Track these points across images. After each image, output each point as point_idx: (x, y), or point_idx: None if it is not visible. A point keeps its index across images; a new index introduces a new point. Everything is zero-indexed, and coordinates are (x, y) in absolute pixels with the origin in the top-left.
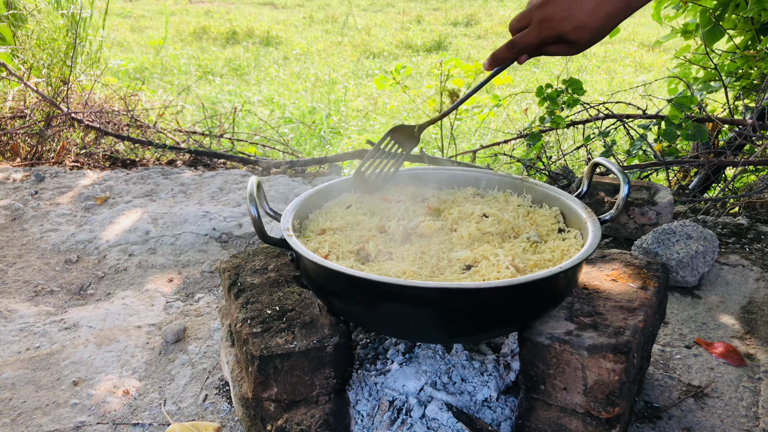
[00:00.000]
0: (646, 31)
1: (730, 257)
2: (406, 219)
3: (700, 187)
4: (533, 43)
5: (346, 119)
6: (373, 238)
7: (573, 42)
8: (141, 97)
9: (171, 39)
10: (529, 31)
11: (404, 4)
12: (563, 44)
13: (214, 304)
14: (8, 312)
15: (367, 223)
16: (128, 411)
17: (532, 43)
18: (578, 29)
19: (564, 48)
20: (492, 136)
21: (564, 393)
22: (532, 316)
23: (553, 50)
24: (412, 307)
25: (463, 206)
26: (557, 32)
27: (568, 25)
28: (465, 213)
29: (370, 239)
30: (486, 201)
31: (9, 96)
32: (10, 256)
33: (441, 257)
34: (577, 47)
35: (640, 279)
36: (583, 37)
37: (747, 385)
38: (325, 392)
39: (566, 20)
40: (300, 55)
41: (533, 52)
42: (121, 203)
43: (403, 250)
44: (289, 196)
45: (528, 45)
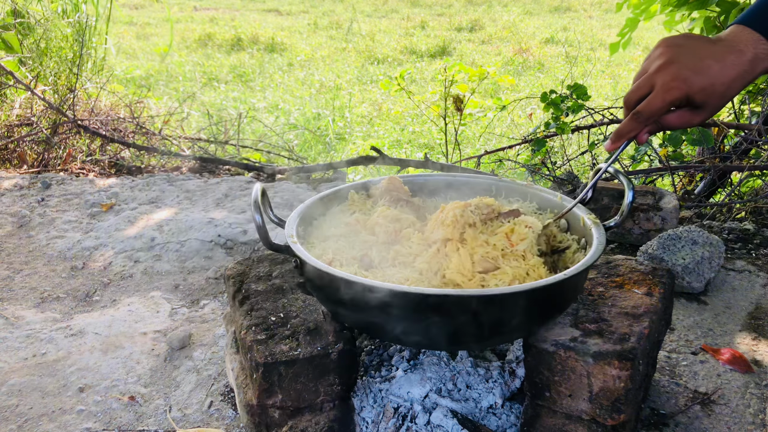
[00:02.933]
0: (651, 35)
1: (737, 263)
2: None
3: (706, 192)
4: (660, 108)
5: (350, 125)
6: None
7: (700, 105)
8: (147, 104)
9: (176, 46)
10: (653, 96)
11: (408, 10)
12: (687, 110)
13: (219, 311)
14: (15, 318)
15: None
16: (134, 417)
17: (659, 107)
18: (705, 90)
19: (687, 116)
20: (496, 142)
21: (569, 400)
22: (538, 322)
23: (675, 120)
24: (417, 314)
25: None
26: (684, 92)
27: (696, 84)
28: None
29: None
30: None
31: (16, 104)
32: (17, 262)
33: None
34: (702, 113)
35: (645, 285)
36: (710, 100)
37: (754, 391)
38: (329, 399)
39: (693, 79)
40: (304, 62)
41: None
42: (127, 210)
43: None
44: (293, 203)
45: (655, 111)
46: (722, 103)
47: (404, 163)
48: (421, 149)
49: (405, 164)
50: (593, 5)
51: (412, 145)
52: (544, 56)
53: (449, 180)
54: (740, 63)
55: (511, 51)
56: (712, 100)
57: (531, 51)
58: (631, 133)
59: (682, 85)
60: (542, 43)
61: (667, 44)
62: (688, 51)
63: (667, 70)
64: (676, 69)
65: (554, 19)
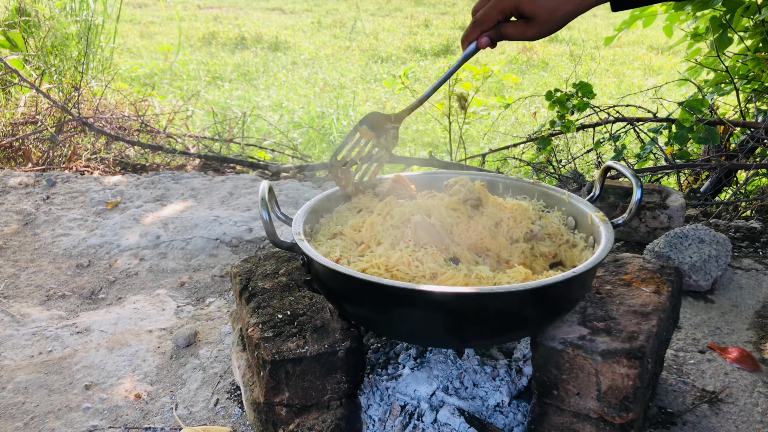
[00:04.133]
0: (655, 34)
1: (743, 261)
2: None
3: (712, 191)
4: (492, 15)
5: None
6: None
7: (530, 18)
8: (151, 103)
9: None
10: (489, 6)
11: (412, 8)
12: (522, 22)
13: (225, 309)
14: (21, 316)
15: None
16: (140, 415)
17: (493, 16)
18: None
19: (521, 27)
20: (501, 140)
21: (577, 398)
22: (546, 320)
23: (511, 30)
24: (424, 311)
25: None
26: (515, 4)
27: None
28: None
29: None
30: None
31: (21, 102)
32: (23, 260)
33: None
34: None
35: (653, 283)
36: (539, 13)
37: (762, 390)
38: (336, 397)
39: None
40: (308, 60)
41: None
42: (132, 208)
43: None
44: (299, 201)
45: (489, 19)
46: (552, 18)
47: (409, 161)
48: (426, 148)
49: (410, 162)
50: None
51: (416, 144)
52: (548, 55)
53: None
54: None
55: (515, 50)
56: (542, 13)
57: (535, 50)
58: (470, 37)
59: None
60: (546, 41)
61: None
62: None
63: None
64: None
65: None
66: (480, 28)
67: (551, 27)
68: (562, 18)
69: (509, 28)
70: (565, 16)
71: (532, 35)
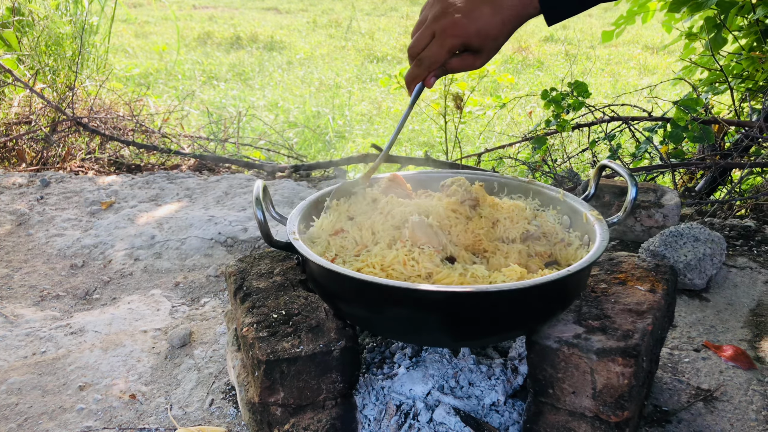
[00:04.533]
0: (650, 33)
1: (738, 260)
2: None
3: (707, 190)
4: (440, 55)
5: (350, 123)
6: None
7: (477, 50)
8: (146, 103)
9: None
10: (434, 45)
11: (408, 8)
12: (468, 55)
13: (220, 309)
14: (14, 317)
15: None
16: (134, 416)
17: (439, 54)
18: (480, 34)
19: (469, 60)
20: (496, 140)
21: (572, 397)
22: (541, 319)
23: (458, 64)
24: (420, 310)
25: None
26: (462, 39)
27: (472, 29)
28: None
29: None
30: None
31: (15, 102)
32: (16, 261)
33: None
34: (481, 57)
35: (648, 282)
36: (486, 44)
37: (757, 388)
38: (331, 396)
39: (468, 26)
40: (304, 60)
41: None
42: (127, 208)
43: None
44: (294, 200)
45: (435, 58)
46: (497, 45)
47: (405, 160)
48: (421, 147)
49: (406, 162)
50: None
51: (411, 144)
52: (543, 54)
53: (450, 177)
54: (511, 6)
55: (511, 49)
56: (488, 43)
57: (530, 49)
58: (418, 78)
59: (459, 31)
60: (541, 41)
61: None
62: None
63: (445, 18)
64: (452, 18)
65: None
66: (428, 69)
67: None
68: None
69: (456, 62)
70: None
71: (480, 65)
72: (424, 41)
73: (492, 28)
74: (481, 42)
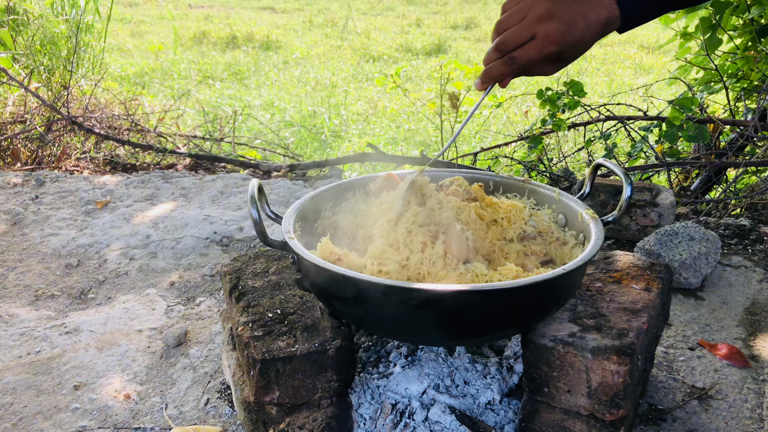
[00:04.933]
0: (646, 33)
1: (733, 258)
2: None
3: (702, 189)
4: (536, 59)
5: (346, 123)
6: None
7: (564, 60)
8: (142, 102)
9: (171, 44)
10: (533, 47)
11: (404, 7)
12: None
13: (216, 308)
14: (9, 316)
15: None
16: (130, 415)
17: (535, 58)
18: (573, 46)
19: (548, 67)
20: (492, 139)
21: (568, 395)
22: (536, 318)
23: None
24: (415, 309)
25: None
26: (560, 48)
27: (569, 40)
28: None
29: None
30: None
31: (9, 101)
32: (11, 260)
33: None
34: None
35: (643, 280)
36: (573, 55)
37: (751, 386)
38: (327, 396)
39: (568, 36)
40: (300, 59)
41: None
42: (122, 207)
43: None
44: (289, 200)
45: (530, 60)
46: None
47: (401, 160)
48: (417, 147)
49: (401, 161)
50: None
51: (407, 143)
52: None
53: (446, 176)
54: (598, 23)
55: None
56: (575, 55)
57: None
58: (502, 77)
59: (560, 40)
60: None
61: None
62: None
63: (549, 23)
64: (557, 24)
65: None
66: (517, 70)
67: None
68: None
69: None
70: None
71: (552, 72)
72: (521, 39)
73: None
74: (572, 53)
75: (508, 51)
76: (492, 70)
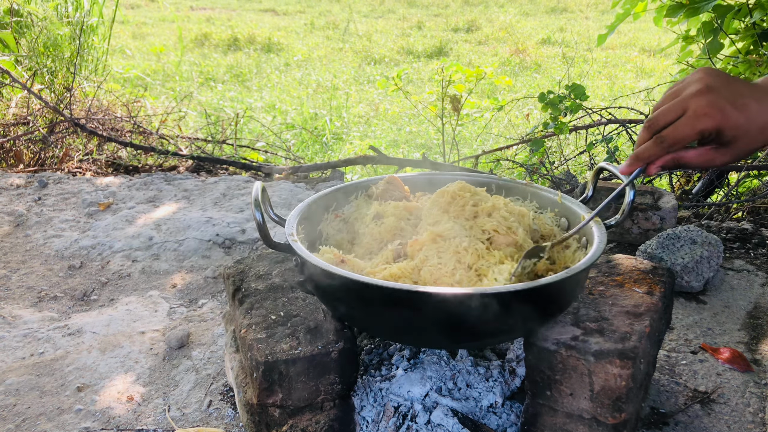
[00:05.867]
0: (647, 36)
1: (735, 262)
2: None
3: (704, 192)
4: (688, 135)
5: (347, 125)
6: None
7: (727, 143)
8: (144, 104)
9: (173, 46)
10: (683, 121)
11: (405, 10)
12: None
13: (218, 310)
14: (12, 318)
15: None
16: (132, 417)
17: (687, 134)
18: (739, 127)
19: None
20: (494, 142)
21: (570, 399)
22: (539, 321)
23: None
24: (418, 312)
25: None
26: (717, 123)
27: (732, 118)
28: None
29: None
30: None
31: (12, 103)
32: (14, 262)
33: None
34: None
35: (645, 284)
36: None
37: (754, 390)
38: (329, 398)
39: (729, 112)
40: (301, 62)
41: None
42: (125, 209)
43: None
44: (292, 202)
45: (681, 137)
46: (749, 147)
47: (402, 162)
48: (419, 149)
49: (403, 164)
50: (589, 6)
51: (409, 146)
52: (540, 57)
53: (448, 179)
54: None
55: (508, 52)
56: (742, 140)
57: (528, 52)
58: (651, 158)
59: (717, 114)
60: (539, 43)
61: (707, 72)
62: (728, 84)
63: (704, 96)
64: (714, 97)
65: (551, 19)
66: (667, 148)
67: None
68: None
69: (692, 156)
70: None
71: (720, 163)
72: (671, 116)
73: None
74: (736, 135)
75: (657, 130)
76: (640, 152)
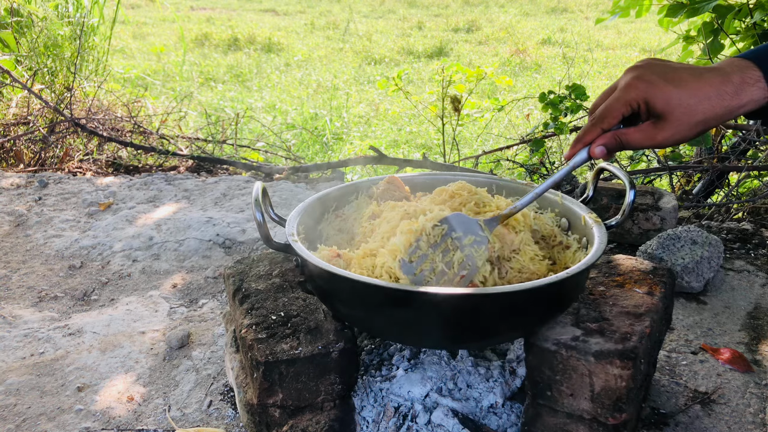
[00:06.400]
0: (647, 36)
1: (736, 263)
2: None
3: (704, 193)
4: (615, 109)
5: (348, 125)
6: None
7: (661, 115)
8: (144, 104)
9: (174, 46)
10: (612, 97)
11: (405, 10)
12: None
13: (218, 310)
14: (12, 318)
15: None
16: (133, 417)
17: (615, 108)
18: (670, 99)
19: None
20: (494, 142)
21: (571, 399)
22: (539, 321)
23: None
24: (418, 312)
25: None
26: (643, 93)
27: (660, 90)
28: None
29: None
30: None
31: (12, 103)
32: (14, 262)
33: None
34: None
35: (646, 284)
36: (674, 112)
37: (754, 391)
38: (330, 398)
39: (658, 84)
40: (302, 62)
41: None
42: (125, 209)
43: None
44: (292, 202)
45: (609, 112)
46: (690, 120)
47: (403, 162)
48: (419, 149)
49: (403, 164)
50: (590, 6)
51: (409, 146)
52: (541, 57)
53: (449, 179)
54: (720, 82)
55: (508, 52)
56: (678, 112)
57: (528, 52)
58: (587, 137)
59: (642, 85)
60: (539, 44)
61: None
62: (662, 63)
63: (632, 72)
64: (642, 72)
65: (551, 20)
66: (600, 126)
67: (685, 131)
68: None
69: (632, 133)
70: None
71: (663, 140)
72: (604, 96)
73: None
74: (668, 107)
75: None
76: (579, 134)
